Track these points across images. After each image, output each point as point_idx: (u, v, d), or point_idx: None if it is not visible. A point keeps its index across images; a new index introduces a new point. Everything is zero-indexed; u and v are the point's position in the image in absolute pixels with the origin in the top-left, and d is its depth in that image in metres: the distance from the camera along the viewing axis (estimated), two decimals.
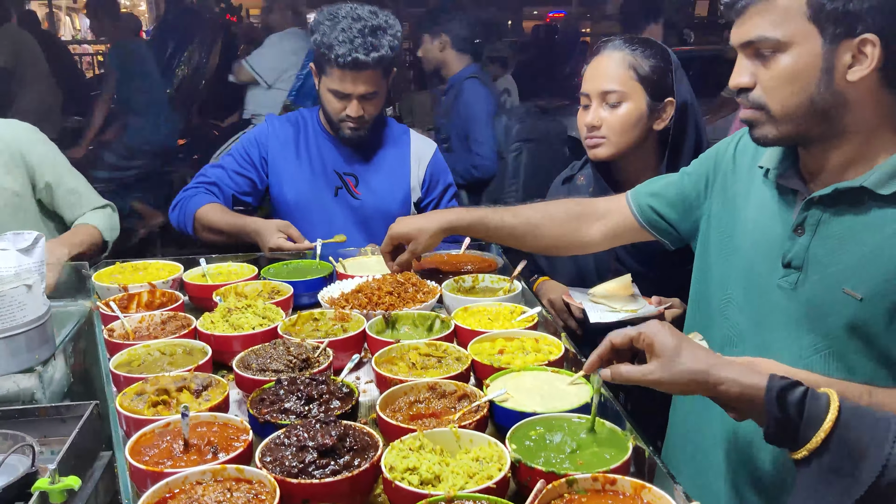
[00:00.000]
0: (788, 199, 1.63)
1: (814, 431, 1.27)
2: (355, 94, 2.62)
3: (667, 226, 1.95)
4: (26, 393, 1.86)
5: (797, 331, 1.59)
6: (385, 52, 2.58)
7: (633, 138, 2.19)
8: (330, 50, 2.55)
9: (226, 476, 1.31)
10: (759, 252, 1.67)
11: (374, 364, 1.75)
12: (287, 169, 2.80)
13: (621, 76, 2.15)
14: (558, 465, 1.36)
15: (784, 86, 1.49)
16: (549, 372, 1.70)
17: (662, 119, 2.20)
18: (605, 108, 2.17)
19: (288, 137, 2.84)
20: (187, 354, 1.82)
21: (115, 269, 2.39)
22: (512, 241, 2.17)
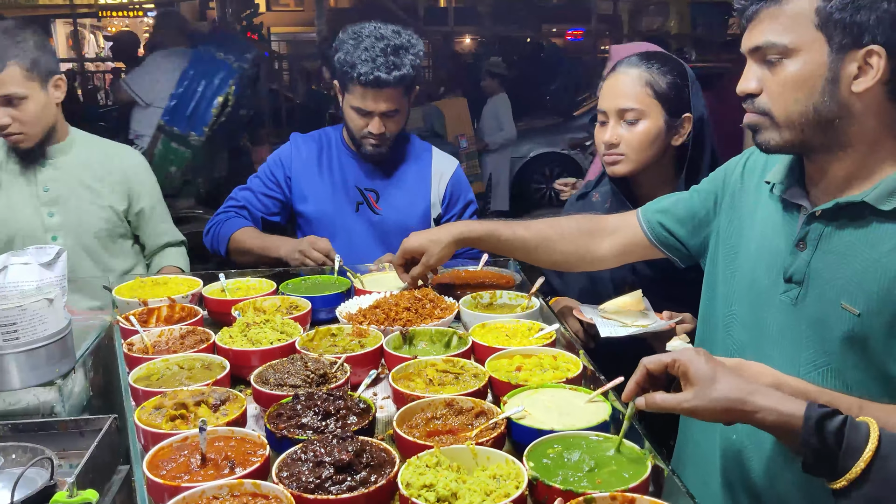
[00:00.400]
0: (792, 214, 1.64)
1: (853, 461, 1.26)
2: (377, 112, 2.65)
3: (676, 242, 1.95)
4: (46, 406, 1.87)
5: (796, 346, 1.58)
6: (406, 70, 2.61)
7: (651, 155, 2.19)
8: (353, 68, 2.59)
9: (242, 491, 1.31)
10: (762, 267, 1.67)
11: (392, 380, 1.75)
12: (309, 185, 2.84)
13: (638, 94, 2.16)
14: (576, 484, 1.35)
15: (788, 92, 1.50)
16: (567, 389, 1.69)
17: (680, 134, 2.20)
18: (623, 126, 2.18)
19: (311, 155, 2.88)
20: (206, 369, 1.83)
21: (135, 283, 2.41)
22: (522, 255, 2.18)
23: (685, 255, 1.97)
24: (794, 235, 1.60)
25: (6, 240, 2.72)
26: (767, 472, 1.65)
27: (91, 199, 2.77)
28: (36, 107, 2.59)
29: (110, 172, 2.81)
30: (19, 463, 1.56)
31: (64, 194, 2.74)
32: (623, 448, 1.45)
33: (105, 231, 2.80)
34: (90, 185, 2.78)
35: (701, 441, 1.84)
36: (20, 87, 2.53)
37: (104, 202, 2.79)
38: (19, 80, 2.53)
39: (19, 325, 1.78)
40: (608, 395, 1.65)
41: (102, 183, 2.80)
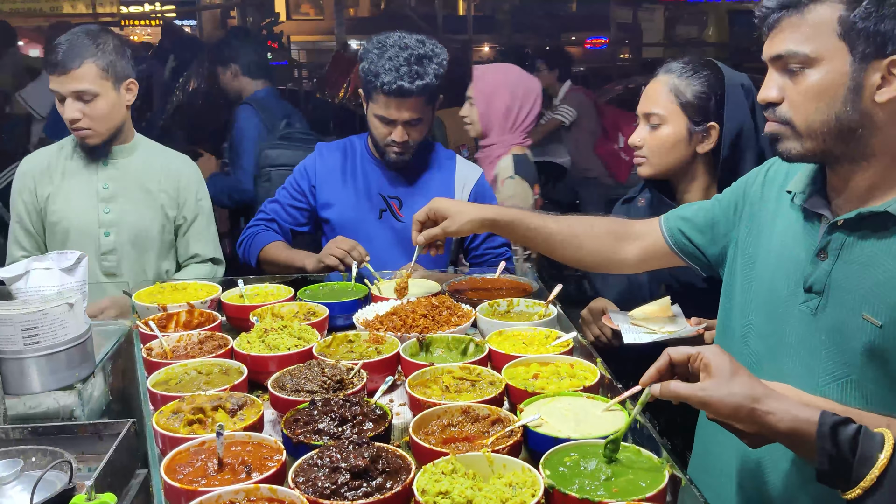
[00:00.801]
0: (813, 224, 1.62)
1: (867, 469, 1.24)
2: (400, 121, 2.68)
3: (695, 250, 1.95)
4: (66, 410, 1.89)
5: (815, 357, 1.57)
6: (430, 80, 2.63)
7: (673, 160, 2.25)
8: (376, 77, 2.62)
9: (259, 496, 1.31)
10: (780, 277, 1.66)
11: (408, 387, 1.75)
12: (333, 192, 2.88)
13: (663, 100, 2.23)
14: (593, 493, 1.34)
15: (810, 102, 1.49)
16: (584, 398, 1.68)
17: (707, 142, 2.23)
18: (647, 129, 2.26)
19: (335, 163, 2.92)
20: (223, 374, 1.84)
21: (154, 288, 2.44)
22: (546, 247, 2.16)
23: (705, 264, 1.96)
24: (814, 245, 1.59)
25: (63, 230, 2.82)
26: (784, 485, 1.63)
27: (145, 200, 2.86)
28: (106, 105, 2.71)
29: (166, 178, 2.90)
30: (39, 466, 1.58)
31: (121, 193, 2.84)
32: (640, 457, 1.44)
33: (155, 233, 2.88)
34: (147, 188, 2.87)
35: (718, 452, 1.82)
36: (93, 84, 2.66)
37: (157, 205, 2.88)
38: (93, 79, 2.66)
39: (40, 330, 1.79)
40: (625, 404, 1.64)
41: (159, 187, 2.89)
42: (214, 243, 3.04)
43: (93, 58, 2.65)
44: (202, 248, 2.99)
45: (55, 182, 2.83)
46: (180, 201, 2.93)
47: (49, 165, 2.85)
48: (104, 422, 1.70)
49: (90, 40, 2.67)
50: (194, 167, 3.04)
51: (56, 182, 2.83)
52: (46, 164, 2.85)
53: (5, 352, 1.78)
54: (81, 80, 2.64)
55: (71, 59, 2.62)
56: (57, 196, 2.82)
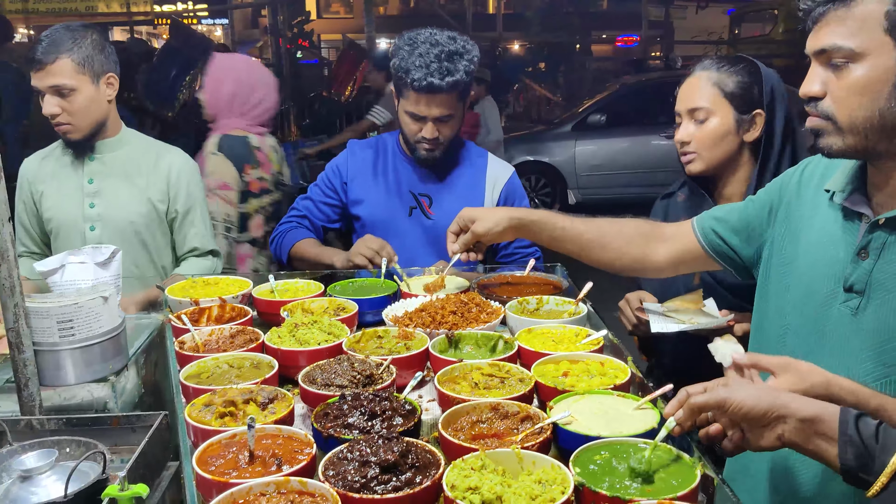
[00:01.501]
0: (853, 223, 1.60)
1: (890, 456, 1.23)
2: (430, 117, 2.68)
3: (730, 251, 1.92)
4: (99, 402, 1.91)
5: (855, 357, 1.54)
6: (460, 76, 2.62)
7: (723, 152, 2.25)
8: (407, 74, 2.62)
9: (289, 489, 1.32)
10: (819, 276, 1.64)
11: (437, 383, 1.75)
12: (364, 189, 2.88)
13: (707, 94, 2.24)
14: (624, 491, 1.33)
15: (853, 97, 1.47)
16: (614, 396, 1.67)
17: (753, 130, 2.25)
18: (693, 125, 2.26)
19: (367, 160, 2.92)
20: (254, 368, 1.85)
21: (186, 283, 2.46)
22: (575, 249, 2.14)
23: (739, 265, 1.93)
24: (854, 244, 1.57)
25: (55, 227, 2.86)
26: (817, 485, 1.61)
27: (131, 193, 2.86)
28: (84, 100, 2.72)
29: (155, 171, 2.90)
30: (73, 456, 1.60)
31: (106, 188, 2.85)
32: (672, 455, 1.43)
33: (143, 225, 2.86)
34: (133, 180, 2.87)
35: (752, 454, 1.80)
36: (70, 79, 2.67)
37: (143, 197, 2.87)
38: (70, 73, 2.67)
39: (75, 322, 1.82)
40: (657, 403, 1.62)
41: (146, 179, 2.88)
42: (211, 235, 3.05)
43: (68, 53, 2.66)
44: (200, 240, 2.99)
45: (46, 181, 2.87)
46: (171, 194, 2.91)
47: (41, 165, 2.89)
48: (137, 414, 1.72)
49: (67, 36, 2.68)
50: (187, 159, 3.02)
51: (47, 181, 2.87)
52: (39, 165, 2.90)
53: (41, 344, 1.81)
54: (57, 74, 2.65)
55: (47, 55, 2.64)
56: (48, 194, 2.86)
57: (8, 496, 1.48)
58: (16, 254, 1.72)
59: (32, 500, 1.45)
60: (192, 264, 2.97)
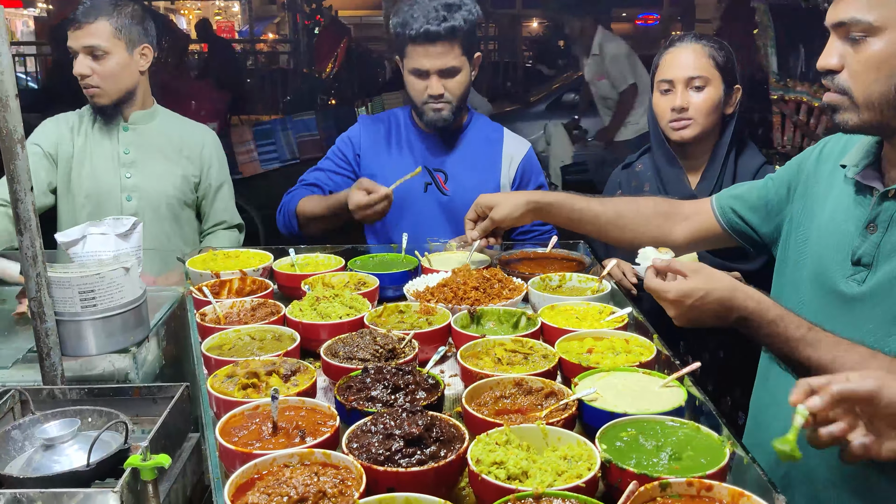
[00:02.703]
0: (864, 197, 1.60)
1: None
2: (433, 70, 2.62)
3: (748, 229, 1.92)
4: (121, 373, 1.91)
5: (865, 331, 1.54)
6: (457, 23, 2.58)
7: (713, 121, 2.40)
8: (405, 27, 2.59)
9: (313, 460, 1.31)
10: (830, 251, 1.64)
11: (460, 357, 1.73)
12: (378, 164, 2.83)
13: (703, 64, 2.36)
14: (651, 468, 1.31)
15: (870, 71, 1.47)
16: (640, 373, 1.65)
17: (730, 104, 2.43)
18: (691, 92, 2.36)
19: (379, 135, 2.87)
20: (276, 340, 1.84)
21: (207, 256, 2.45)
22: (593, 230, 2.14)
23: (757, 243, 1.93)
24: (864, 218, 1.57)
25: (86, 195, 2.87)
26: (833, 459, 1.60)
27: (167, 166, 2.91)
28: (116, 65, 2.76)
29: (188, 144, 2.96)
30: (94, 426, 1.60)
31: (142, 158, 2.89)
32: (700, 434, 1.41)
33: (175, 198, 2.92)
34: (167, 154, 2.92)
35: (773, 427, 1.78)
36: (105, 41, 2.72)
37: (178, 171, 2.93)
38: (105, 36, 2.72)
39: (97, 293, 1.82)
40: (683, 381, 1.60)
41: (179, 153, 2.94)
42: (236, 210, 3.11)
43: (107, 17, 2.72)
44: (229, 215, 3.06)
45: (79, 144, 2.88)
46: (203, 169, 2.98)
47: (73, 127, 2.90)
48: (158, 385, 1.72)
49: (109, 1, 2.74)
50: (214, 136, 3.08)
51: (79, 144, 2.88)
52: (72, 125, 2.90)
53: (63, 314, 1.80)
54: (94, 35, 2.70)
55: (86, 16, 2.70)
56: (80, 159, 2.87)
57: (31, 464, 1.48)
58: (38, 223, 1.71)
59: (55, 468, 1.46)
60: (220, 237, 3.02)
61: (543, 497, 1.21)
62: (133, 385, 1.76)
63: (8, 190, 1.68)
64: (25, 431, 1.57)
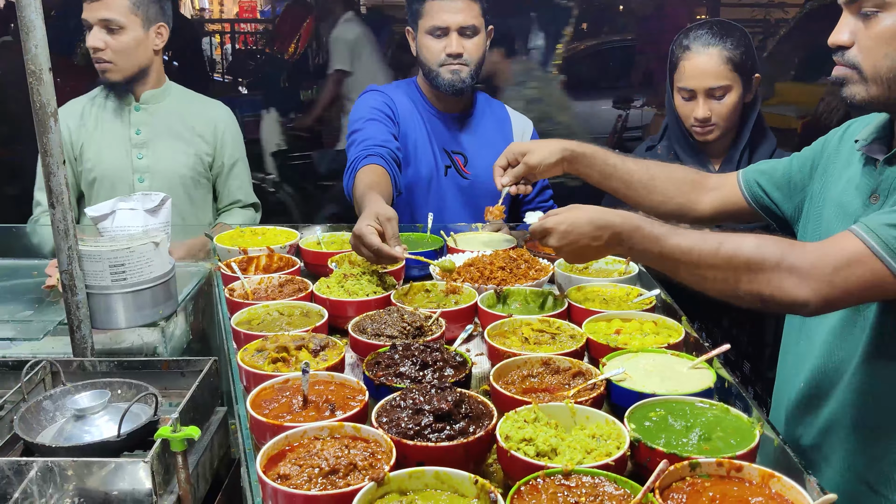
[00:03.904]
0: (871, 170, 1.62)
1: None
2: (454, 27, 2.54)
3: (771, 204, 1.92)
4: (149, 346, 1.93)
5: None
6: None
7: (735, 119, 2.45)
8: None
9: (343, 433, 1.32)
10: (836, 225, 1.65)
11: (487, 336, 1.73)
12: (410, 143, 2.68)
13: (722, 72, 2.37)
14: (680, 448, 1.31)
15: (880, 46, 1.48)
16: (668, 355, 1.64)
17: (750, 92, 2.45)
18: (712, 101, 2.40)
19: (405, 110, 2.71)
20: (304, 316, 1.85)
21: (235, 232, 2.47)
22: (621, 187, 2.09)
23: (780, 219, 1.93)
24: (868, 189, 1.59)
25: (97, 177, 2.85)
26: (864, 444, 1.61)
27: (179, 145, 2.88)
28: (130, 41, 2.72)
29: (202, 123, 2.92)
30: (124, 398, 1.62)
31: (154, 138, 2.85)
32: (730, 415, 1.40)
33: (189, 178, 2.88)
34: (180, 133, 2.89)
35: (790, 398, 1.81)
36: (121, 15, 2.69)
37: (191, 150, 2.89)
38: (122, 10, 2.69)
39: (127, 267, 1.83)
40: (712, 363, 1.59)
41: (192, 132, 2.90)
42: (251, 188, 3.07)
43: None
44: (244, 193, 3.02)
45: (88, 130, 2.85)
46: (218, 146, 2.93)
47: (83, 114, 2.87)
48: (187, 359, 1.74)
49: None
50: (229, 113, 3.03)
51: (89, 130, 2.85)
52: (80, 113, 2.87)
53: (93, 287, 1.82)
54: (110, 8, 2.67)
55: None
56: (90, 144, 2.84)
57: (62, 434, 1.50)
58: (69, 196, 1.73)
59: (86, 438, 1.47)
60: (236, 215, 2.99)
61: (573, 474, 1.21)
62: (162, 358, 1.77)
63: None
64: (57, 402, 1.58)
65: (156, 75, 2.87)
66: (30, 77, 1.64)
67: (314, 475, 1.20)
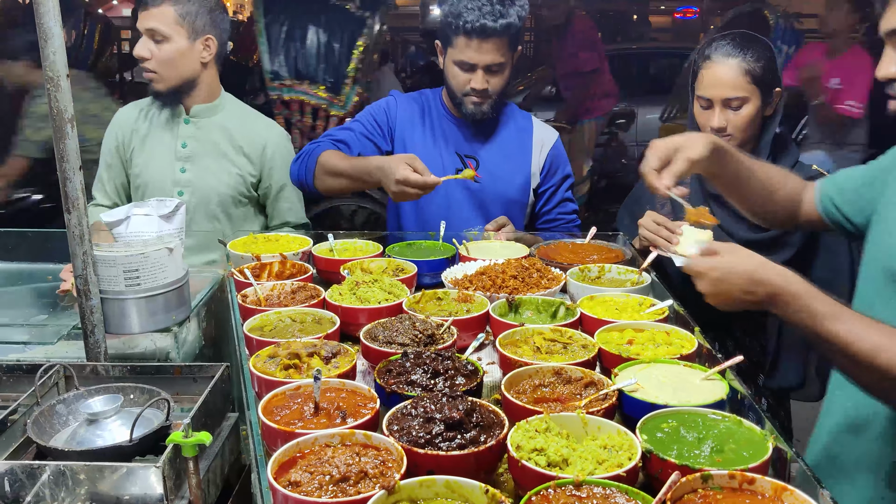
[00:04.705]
0: None
1: None
2: (481, 65, 2.58)
3: (840, 217, 1.89)
4: (162, 351, 1.94)
5: None
6: (513, 20, 2.54)
7: (752, 131, 2.42)
8: (458, 18, 2.53)
9: (354, 441, 1.32)
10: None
11: (499, 345, 1.72)
12: (411, 143, 2.76)
13: (740, 83, 2.34)
14: (692, 460, 1.30)
15: None
16: (681, 366, 1.63)
17: (771, 105, 2.43)
18: (728, 112, 2.37)
19: (414, 115, 2.81)
20: (316, 323, 1.85)
21: (248, 239, 2.48)
22: (744, 188, 1.98)
23: (850, 232, 1.90)
24: None
25: (139, 185, 2.86)
26: None
27: (224, 163, 2.84)
28: (175, 52, 2.71)
29: (250, 143, 2.86)
30: (136, 403, 1.63)
31: (199, 153, 2.83)
32: (743, 428, 1.39)
33: (230, 197, 2.84)
34: (226, 151, 2.85)
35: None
36: (166, 26, 2.68)
37: (235, 169, 2.84)
38: (167, 21, 2.68)
39: (141, 272, 1.84)
40: (725, 374, 1.58)
41: (239, 151, 2.85)
42: (302, 209, 3.02)
43: (174, 2, 2.68)
44: (294, 215, 2.96)
45: (140, 136, 2.86)
46: (266, 168, 2.88)
47: (137, 119, 2.88)
48: (199, 364, 1.75)
49: None
50: (282, 132, 2.99)
51: (141, 136, 2.85)
52: (135, 118, 2.89)
53: (107, 292, 1.83)
54: (156, 18, 2.67)
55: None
56: (140, 151, 2.85)
57: (75, 437, 1.51)
58: (86, 202, 1.74)
59: (98, 442, 1.48)
60: None
61: (584, 485, 1.21)
62: (174, 364, 1.79)
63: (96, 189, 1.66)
64: (70, 406, 1.59)
65: (206, 88, 2.83)
66: (47, 83, 1.65)
67: (325, 482, 1.21)
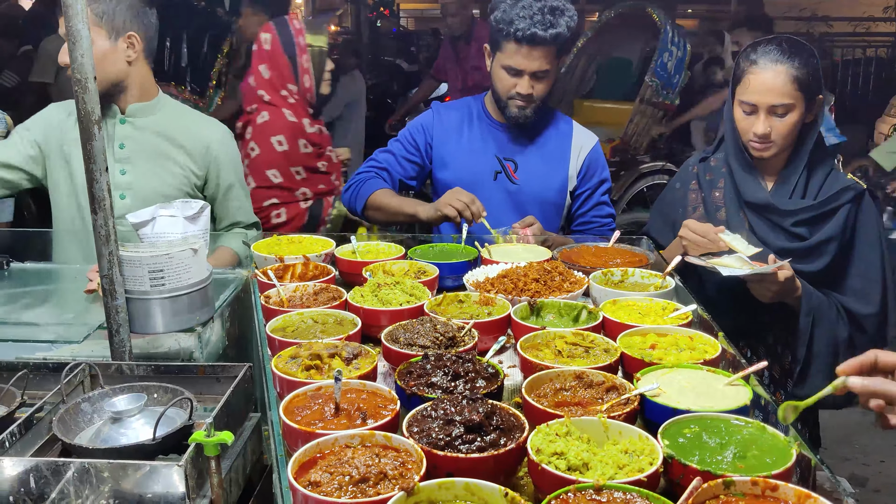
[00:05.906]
0: None
1: None
2: (528, 71, 2.65)
3: None
4: (186, 351, 1.95)
5: None
6: (562, 30, 2.61)
7: (794, 137, 2.40)
8: (509, 25, 2.60)
9: (374, 442, 1.32)
10: None
11: (520, 348, 1.72)
12: (449, 153, 2.88)
13: (786, 90, 2.31)
14: (715, 465, 1.29)
15: None
16: (704, 371, 1.62)
17: (812, 112, 2.40)
18: (773, 118, 2.34)
19: (451, 123, 2.91)
20: (338, 324, 1.86)
21: (272, 241, 2.50)
22: None
23: None
24: None
25: (79, 189, 2.67)
26: None
27: (165, 164, 2.70)
28: (96, 54, 2.42)
29: (192, 142, 2.72)
30: (160, 402, 1.64)
31: (139, 154, 2.68)
32: (766, 434, 1.38)
33: (172, 198, 2.59)
34: (167, 151, 2.71)
35: None
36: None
37: (178, 170, 2.71)
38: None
39: (166, 273, 1.86)
40: (749, 380, 1.57)
41: (181, 150, 2.72)
42: (251, 208, 2.92)
43: (89, 2, 2.36)
44: (245, 214, 2.87)
45: (71, 138, 2.63)
46: (211, 168, 2.75)
47: (66, 121, 2.69)
48: (222, 364, 1.75)
49: None
50: (225, 131, 2.84)
51: (72, 138, 2.62)
52: (64, 119, 2.71)
53: (133, 292, 1.85)
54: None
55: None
56: (76, 155, 2.63)
57: (99, 435, 1.52)
58: (112, 202, 1.76)
59: (122, 440, 1.49)
60: (235, 237, 2.83)
61: (604, 489, 1.20)
62: (198, 364, 1.80)
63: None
64: (95, 404, 1.61)
65: (139, 87, 2.65)
66: (75, 86, 1.68)
67: (344, 483, 1.21)
